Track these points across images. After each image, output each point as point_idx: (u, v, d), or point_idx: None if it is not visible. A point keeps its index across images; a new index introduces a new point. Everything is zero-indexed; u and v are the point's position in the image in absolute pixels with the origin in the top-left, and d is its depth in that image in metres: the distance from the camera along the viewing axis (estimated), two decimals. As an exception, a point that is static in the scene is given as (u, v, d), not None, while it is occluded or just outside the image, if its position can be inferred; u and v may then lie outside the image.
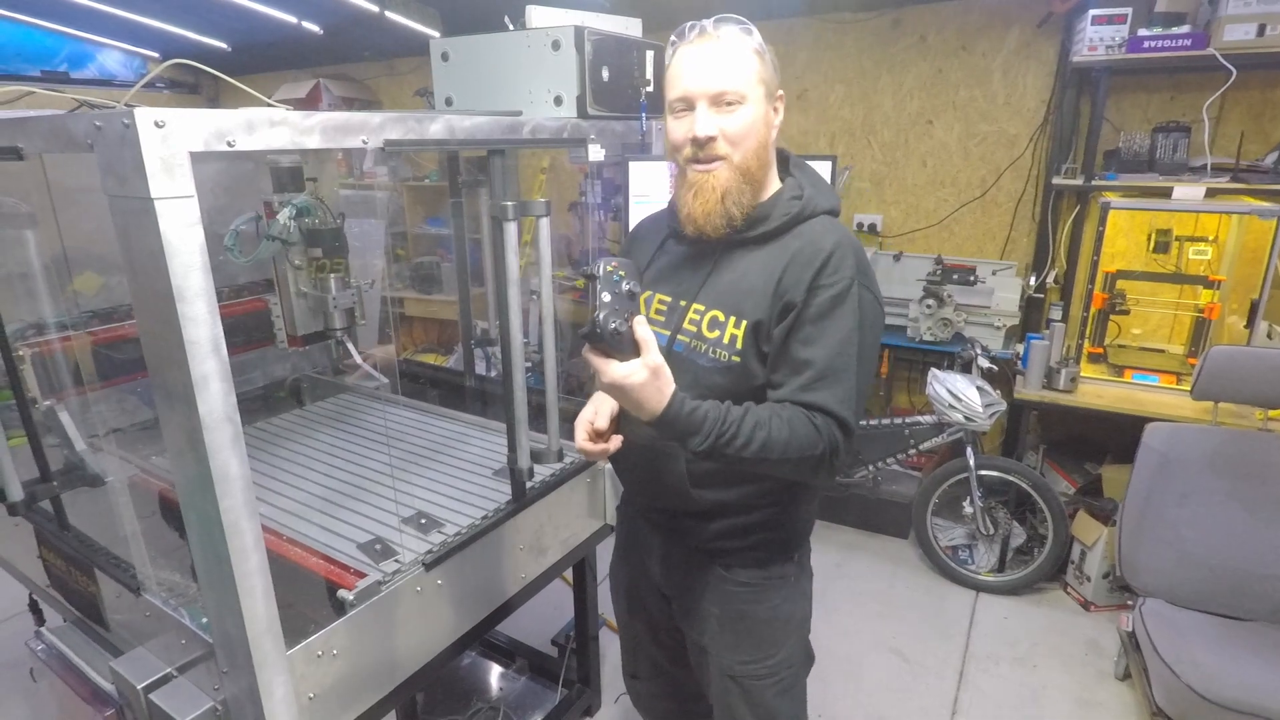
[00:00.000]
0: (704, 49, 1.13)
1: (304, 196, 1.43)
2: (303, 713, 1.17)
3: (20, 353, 1.52)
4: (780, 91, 1.19)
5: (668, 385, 1.05)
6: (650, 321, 1.22)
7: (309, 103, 4.71)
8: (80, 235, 1.62)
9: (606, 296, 1.01)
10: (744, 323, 1.16)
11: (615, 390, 1.04)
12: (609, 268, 1.03)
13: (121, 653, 1.38)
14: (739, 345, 1.17)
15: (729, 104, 1.12)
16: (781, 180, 1.24)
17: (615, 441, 1.21)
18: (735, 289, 1.19)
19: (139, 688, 1.24)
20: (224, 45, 4.71)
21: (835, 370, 1.11)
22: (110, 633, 1.51)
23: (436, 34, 3.86)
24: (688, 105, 1.14)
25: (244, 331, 1.83)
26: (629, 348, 1.03)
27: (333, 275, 1.49)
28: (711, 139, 1.13)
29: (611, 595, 1.59)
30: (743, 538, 1.30)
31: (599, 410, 1.23)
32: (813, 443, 1.08)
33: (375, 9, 3.59)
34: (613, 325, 1.00)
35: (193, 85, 5.70)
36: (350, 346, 1.57)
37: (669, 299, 1.27)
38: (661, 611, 1.47)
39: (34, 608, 2.02)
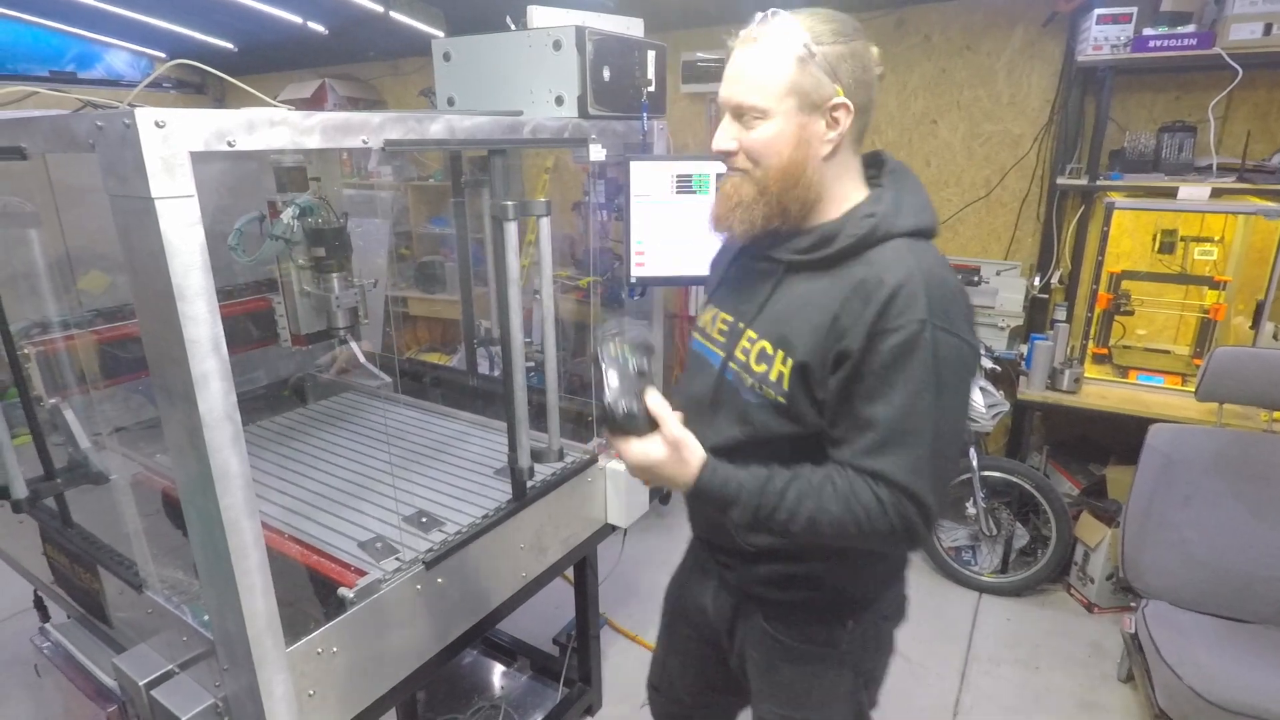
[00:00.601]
0: (742, 53, 1.04)
1: (308, 196, 1.43)
2: (303, 710, 1.18)
3: (25, 351, 1.53)
4: (837, 100, 1.01)
5: (693, 456, 1.00)
6: (712, 342, 1.17)
7: (314, 102, 4.73)
8: (86, 234, 1.64)
9: (614, 380, 0.97)
10: (790, 361, 1.03)
11: (640, 471, 1.01)
12: (613, 349, 0.98)
13: (124, 649, 1.39)
14: (785, 386, 1.04)
15: (749, 118, 1.03)
16: (871, 191, 1.08)
17: None
18: (789, 320, 1.05)
19: (141, 684, 1.25)
20: (230, 46, 4.73)
21: (903, 433, 0.95)
22: (113, 629, 1.52)
23: (441, 34, 3.86)
24: (722, 114, 1.08)
25: (248, 331, 1.84)
26: (645, 425, 0.99)
27: (336, 274, 1.50)
28: (731, 153, 1.05)
29: (662, 605, 1.51)
30: (783, 590, 1.18)
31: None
32: (874, 517, 0.95)
33: (380, 9, 3.60)
34: (623, 408, 0.96)
35: (199, 85, 5.73)
36: (354, 346, 1.57)
37: (730, 319, 1.15)
38: (698, 646, 1.40)
39: (38, 604, 2.03)
